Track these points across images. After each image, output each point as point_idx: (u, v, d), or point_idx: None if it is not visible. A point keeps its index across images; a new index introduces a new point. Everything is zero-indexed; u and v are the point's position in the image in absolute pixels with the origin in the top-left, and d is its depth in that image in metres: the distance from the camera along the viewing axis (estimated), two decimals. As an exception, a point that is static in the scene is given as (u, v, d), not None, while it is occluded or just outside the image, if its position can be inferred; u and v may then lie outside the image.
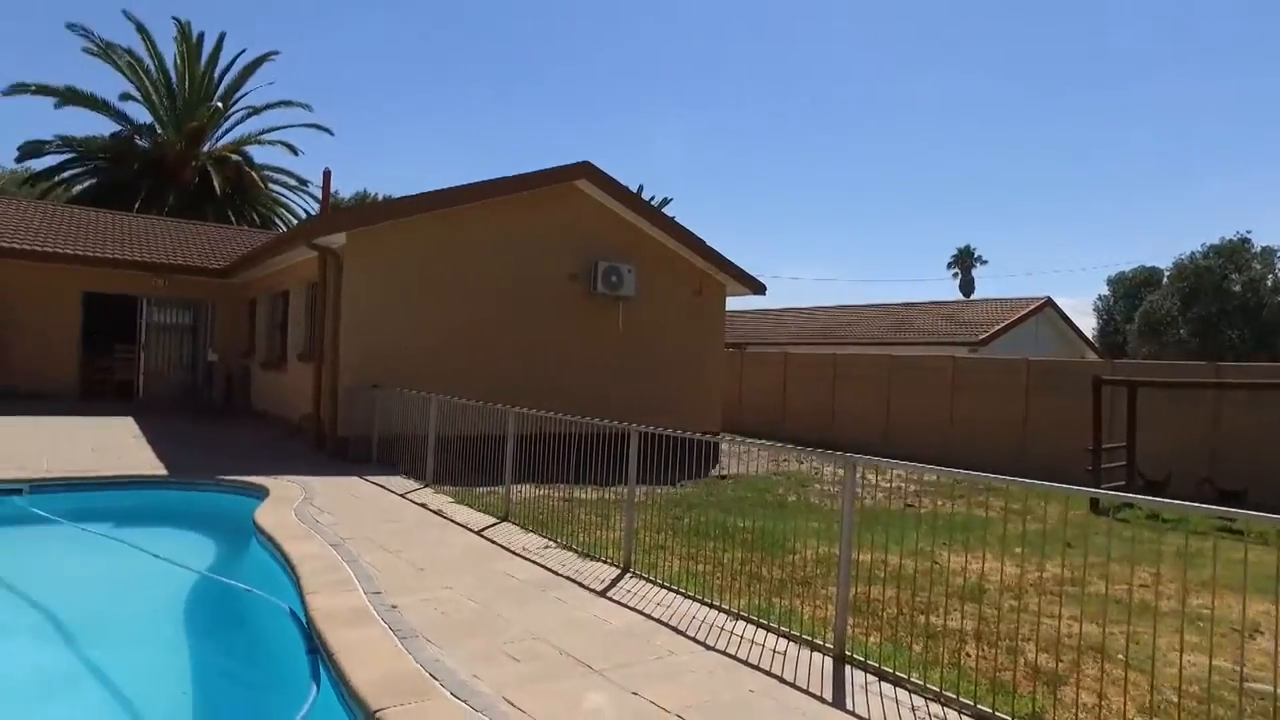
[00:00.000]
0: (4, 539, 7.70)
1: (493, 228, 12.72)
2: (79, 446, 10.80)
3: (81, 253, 16.97)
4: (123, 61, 29.71)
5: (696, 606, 5.28)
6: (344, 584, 5.21)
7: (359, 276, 11.59)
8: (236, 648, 5.64)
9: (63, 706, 4.77)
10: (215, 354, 18.08)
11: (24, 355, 16.28)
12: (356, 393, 11.37)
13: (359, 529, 6.88)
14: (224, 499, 8.63)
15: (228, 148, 31.56)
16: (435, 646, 4.29)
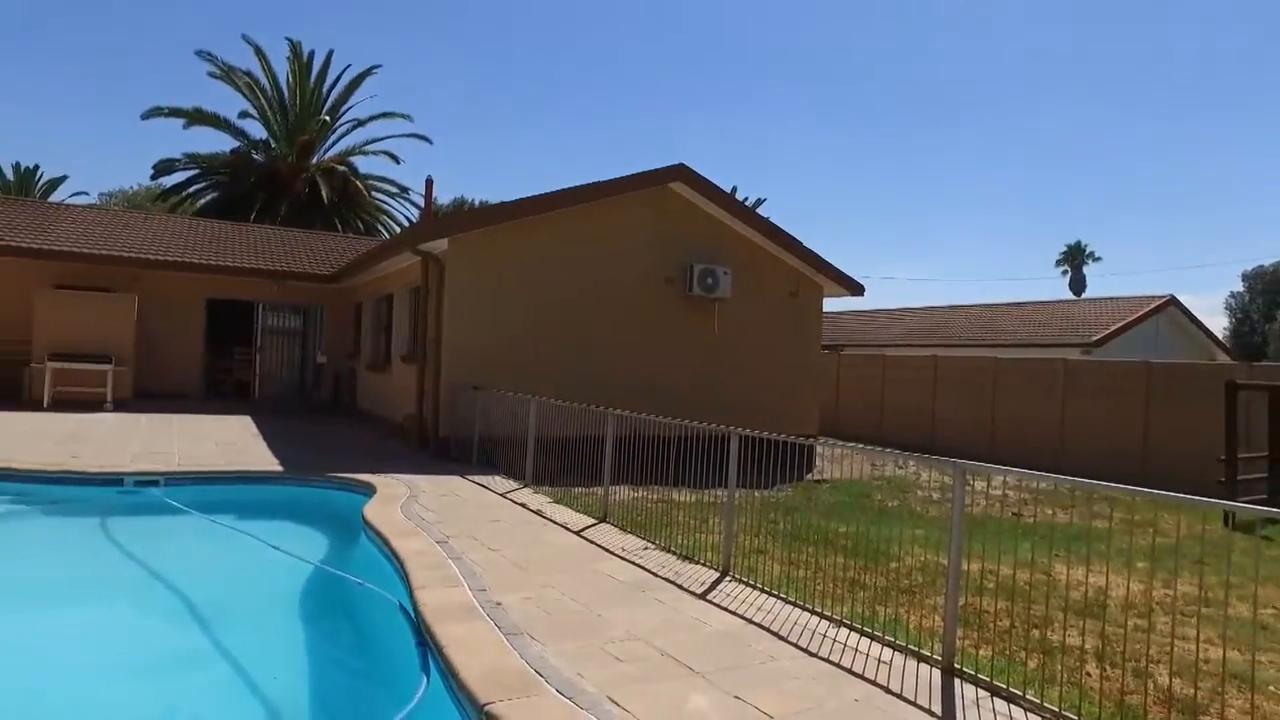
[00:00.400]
0: (145, 527, 8.23)
1: (588, 231, 12.87)
2: (205, 442, 11.46)
3: (206, 262, 18.06)
4: (242, 82, 31.47)
5: (797, 612, 5.20)
6: (450, 580, 5.35)
7: (460, 280, 11.91)
8: (349, 637, 5.87)
9: (189, 682, 5.06)
10: (324, 356, 18.93)
11: (159, 358, 17.42)
12: (457, 393, 11.69)
13: (462, 527, 7.06)
14: (334, 495, 9.00)
15: (335, 159, 32.99)
16: (539, 644, 4.36)
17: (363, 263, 15.64)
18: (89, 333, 15.86)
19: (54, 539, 8.01)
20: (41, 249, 16.76)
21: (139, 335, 16.70)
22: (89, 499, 8.51)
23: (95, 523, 8.21)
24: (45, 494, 8.50)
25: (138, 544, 7.74)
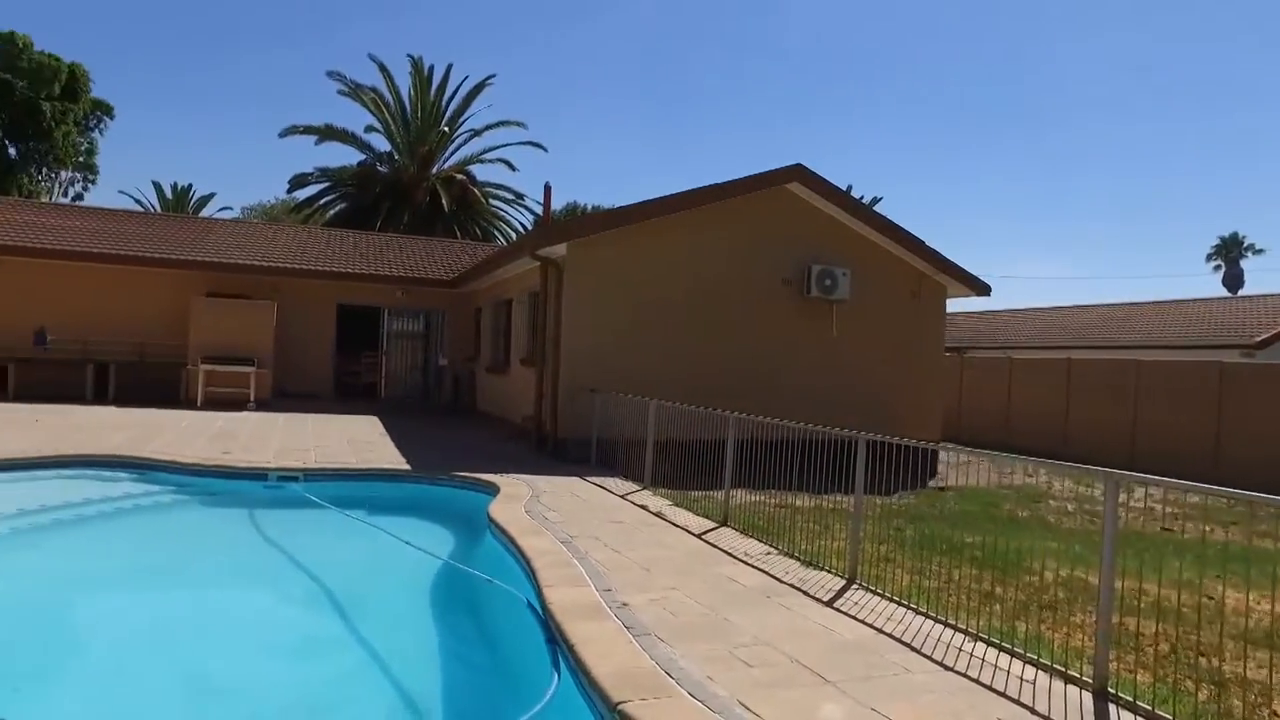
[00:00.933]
0: (287, 520, 8.74)
1: (705, 234, 12.87)
2: (338, 441, 12.07)
3: (337, 270, 19.07)
4: (368, 98, 33.08)
5: (929, 623, 5.02)
6: (577, 580, 5.43)
7: (578, 284, 12.12)
8: (476, 631, 6.04)
9: (327, 667, 5.33)
10: (445, 359, 19.64)
11: (294, 360, 18.49)
12: (576, 396, 11.89)
13: (584, 527, 7.16)
14: (459, 494, 9.29)
15: (454, 168, 34.22)
16: (668, 646, 4.36)
17: (483, 268, 16.14)
18: (235, 337, 17.00)
19: (210, 528, 8.62)
20: (196, 260, 18.10)
21: (278, 339, 17.78)
22: (238, 492, 9.10)
23: (244, 514, 8.77)
24: (203, 486, 9.14)
25: (282, 535, 8.24)
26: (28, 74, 31.30)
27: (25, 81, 31.07)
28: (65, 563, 7.28)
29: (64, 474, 9.13)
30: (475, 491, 9.15)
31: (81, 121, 33.88)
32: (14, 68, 31.20)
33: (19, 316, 17.17)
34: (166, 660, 5.19)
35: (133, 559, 7.54)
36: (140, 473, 9.33)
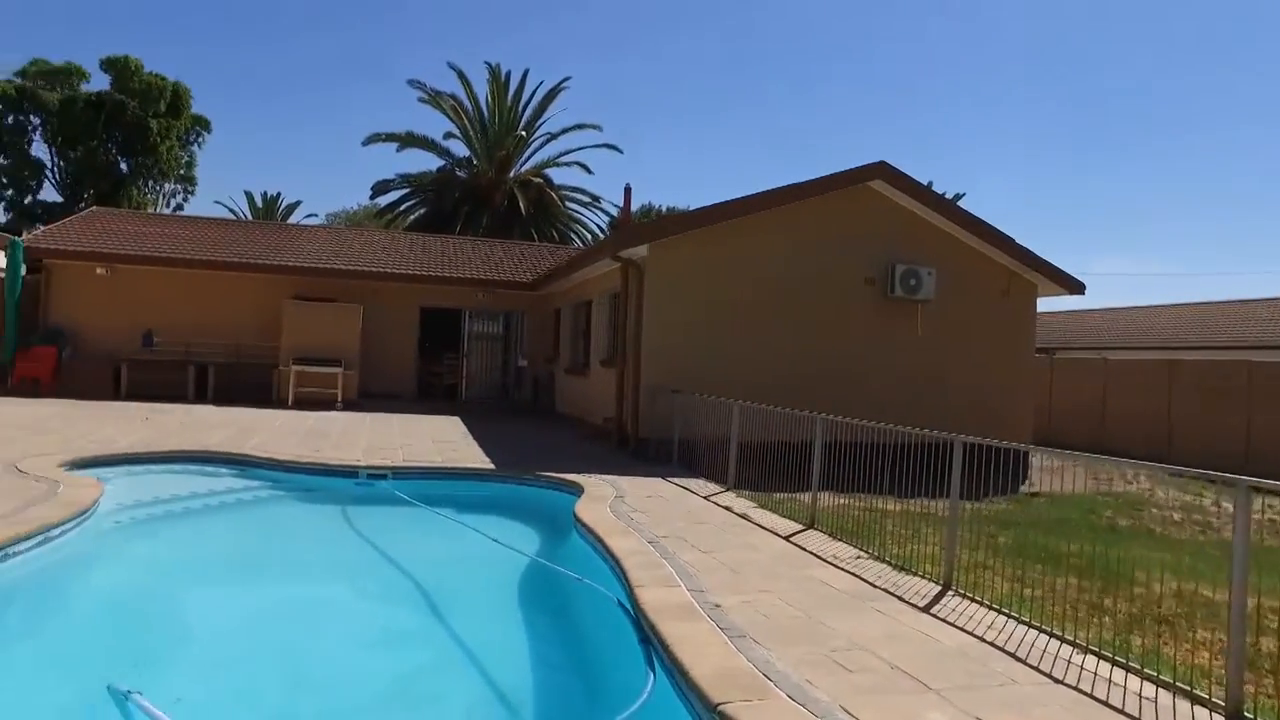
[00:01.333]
0: (377, 516, 8.98)
1: (786, 234, 12.74)
2: (423, 440, 12.35)
3: (420, 273, 19.55)
4: (447, 105, 33.82)
5: (1033, 633, 4.83)
6: (667, 580, 5.41)
7: (659, 285, 12.13)
8: (567, 629, 6.08)
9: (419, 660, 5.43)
10: (524, 360, 19.92)
11: (378, 362, 19.00)
12: (657, 397, 11.89)
13: (670, 528, 7.14)
14: (543, 493, 9.38)
15: (530, 172, 34.70)
16: (763, 648, 4.30)
17: (563, 270, 16.31)
18: (324, 339, 17.59)
19: (306, 522, 8.92)
20: (287, 265, 18.81)
21: (363, 341, 18.31)
22: (331, 488, 9.39)
23: (337, 510, 9.04)
24: (297, 482, 9.47)
25: (373, 530, 8.46)
26: (138, 94, 33.05)
27: (136, 101, 32.81)
28: (177, 551, 7.65)
29: (173, 468, 9.59)
30: (559, 491, 9.23)
31: (183, 136, 35.58)
32: (127, 89, 33.00)
33: (130, 320, 18.12)
34: (269, 648, 5.38)
35: (236, 550, 7.87)
36: (240, 469, 9.71)
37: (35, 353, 17.10)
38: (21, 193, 33.36)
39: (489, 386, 20.61)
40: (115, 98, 32.75)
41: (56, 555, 6.03)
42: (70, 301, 18.24)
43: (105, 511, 7.13)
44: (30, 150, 33.37)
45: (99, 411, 14.02)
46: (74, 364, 17.55)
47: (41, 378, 16.77)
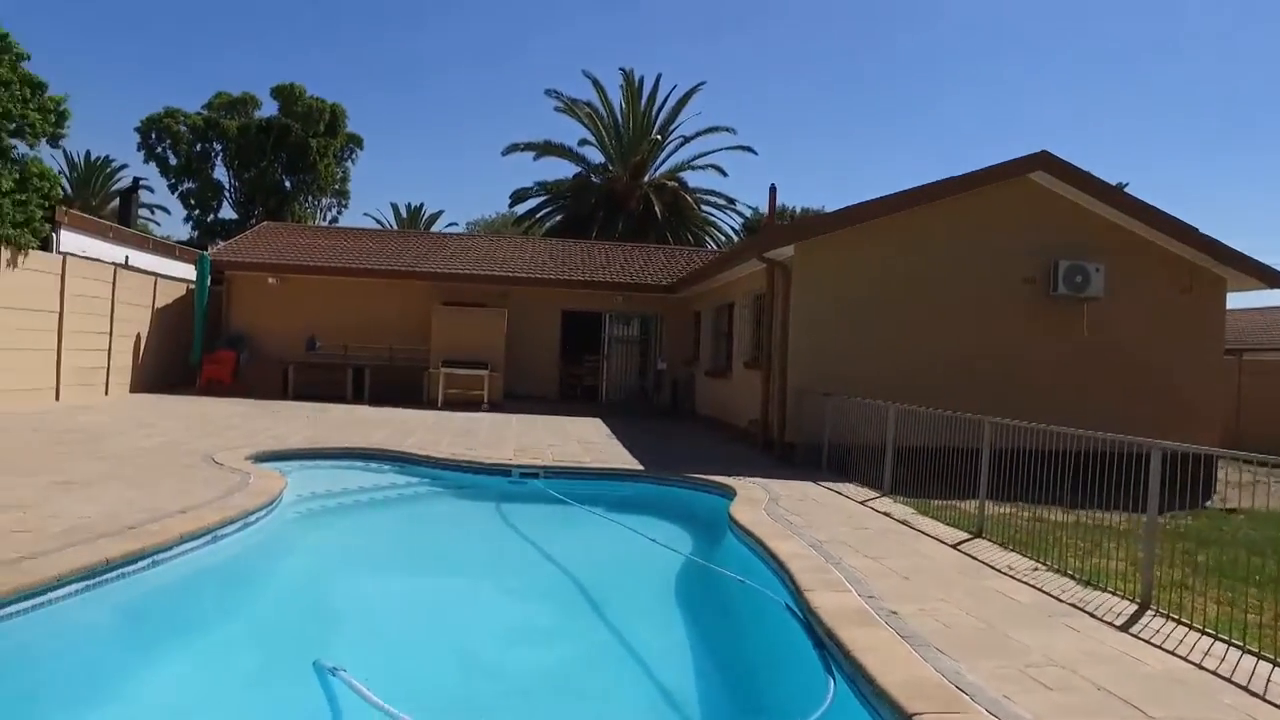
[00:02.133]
0: (531, 513, 9.18)
1: (938, 231, 12.23)
2: (569, 441, 12.57)
3: (562, 277, 20.01)
4: (582, 113, 34.55)
5: (1263, 665, 4.34)
6: (836, 585, 5.23)
7: (805, 286, 11.87)
8: (729, 631, 5.98)
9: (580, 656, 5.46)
10: (664, 362, 19.99)
11: (522, 364, 19.57)
12: (804, 399, 11.64)
13: (830, 533, 6.92)
14: (692, 495, 9.33)
15: (665, 176, 34.92)
16: (950, 659, 4.07)
17: (704, 272, 16.26)
18: (471, 343, 18.27)
19: (464, 517, 9.23)
20: (437, 272, 19.67)
21: (507, 344, 18.88)
22: (485, 485, 9.68)
23: (492, 506, 9.30)
24: (453, 479, 9.81)
25: (528, 527, 8.65)
26: (300, 117, 35.57)
27: (299, 124, 35.31)
28: (351, 540, 8.09)
29: (340, 464, 10.14)
30: (708, 493, 9.16)
31: (338, 154, 37.93)
32: (291, 113, 35.59)
33: (296, 326, 19.42)
34: (443, 635, 5.56)
35: (404, 540, 8.25)
36: (401, 465, 10.17)
37: (219, 356, 18.61)
38: (205, 211, 36.50)
39: (628, 389, 20.83)
40: (282, 122, 35.31)
41: (252, 540, 6.47)
42: (247, 309, 19.75)
43: (288, 502, 7.61)
44: (213, 173, 36.47)
45: (271, 410, 15.08)
46: (249, 366, 18.97)
47: (223, 379, 18.22)
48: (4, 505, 6.24)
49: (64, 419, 12.10)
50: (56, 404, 14.11)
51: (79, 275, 14.94)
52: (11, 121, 13.11)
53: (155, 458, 8.93)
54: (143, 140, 35.41)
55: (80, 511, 6.12)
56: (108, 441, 10.03)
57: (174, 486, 7.28)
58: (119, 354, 16.56)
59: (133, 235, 20.17)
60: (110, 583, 4.94)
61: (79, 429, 11.12)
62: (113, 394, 16.26)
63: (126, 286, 16.78)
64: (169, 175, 36.05)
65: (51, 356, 14.21)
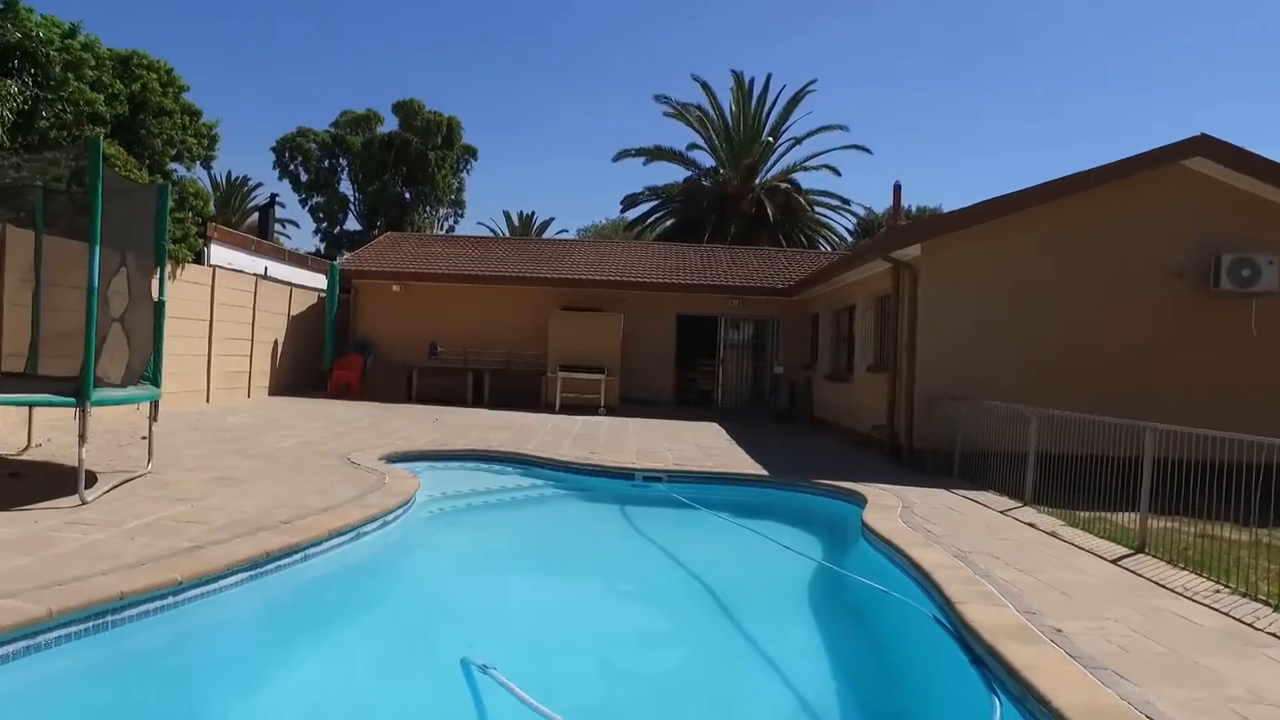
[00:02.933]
0: (656, 517, 9.13)
1: (1079, 225, 11.51)
2: (688, 445, 12.48)
3: (678, 281, 19.97)
4: (692, 117, 34.52)
5: None
6: (990, 599, 4.92)
7: (934, 286, 11.40)
8: (871, 642, 5.74)
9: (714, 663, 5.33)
10: (780, 366, 19.65)
11: (637, 368, 19.61)
12: (933, 403, 11.16)
13: (973, 543, 6.56)
14: (821, 501, 9.07)
15: (777, 178, 34.48)
16: (1132, 684, 3.73)
17: (824, 274, 15.88)
18: (588, 347, 18.45)
19: (591, 519, 9.25)
20: (555, 278, 19.98)
21: (622, 348, 18.96)
22: (608, 489, 9.69)
23: (616, 509, 9.30)
24: (576, 482, 9.88)
25: (654, 530, 8.59)
26: (420, 131, 37.02)
27: (418, 138, 36.75)
28: (482, 540, 8.25)
29: (465, 465, 10.38)
30: (837, 499, 8.89)
31: (455, 165, 39.21)
32: (411, 127, 37.10)
33: (418, 331, 20.12)
34: (581, 636, 5.55)
35: (533, 541, 8.34)
36: (524, 467, 10.31)
37: (348, 361, 19.47)
38: (332, 224, 38.48)
39: (744, 393, 20.59)
40: (402, 136, 36.80)
41: (391, 537, 6.66)
42: (372, 316, 20.58)
43: (420, 502, 7.80)
44: (339, 187, 38.41)
45: (397, 413, 15.63)
46: (375, 371, 19.77)
47: (352, 383, 19.05)
48: (177, 498, 6.65)
49: (216, 419, 12.88)
50: (208, 405, 15.06)
51: (226, 286, 15.91)
52: (173, 147, 14.10)
53: (297, 456, 9.36)
54: (277, 159, 37.63)
55: (239, 506, 6.45)
56: (254, 440, 10.59)
57: (316, 484, 7.59)
58: (259, 359, 17.55)
59: (271, 248, 21.41)
60: (268, 574, 5.15)
61: (229, 429, 11.81)
62: (254, 397, 17.24)
63: (266, 296, 17.78)
64: (299, 191, 38.16)
65: (203, 362, 15.18)
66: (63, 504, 6.20)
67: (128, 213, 7.37)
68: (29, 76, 10.55)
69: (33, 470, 7.80)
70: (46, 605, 3.83)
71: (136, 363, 7.63)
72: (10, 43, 10.50)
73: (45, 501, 6.24)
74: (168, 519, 5.91)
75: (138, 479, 7.45)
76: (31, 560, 4.67)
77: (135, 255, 7.68)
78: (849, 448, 13.31)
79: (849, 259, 14.50)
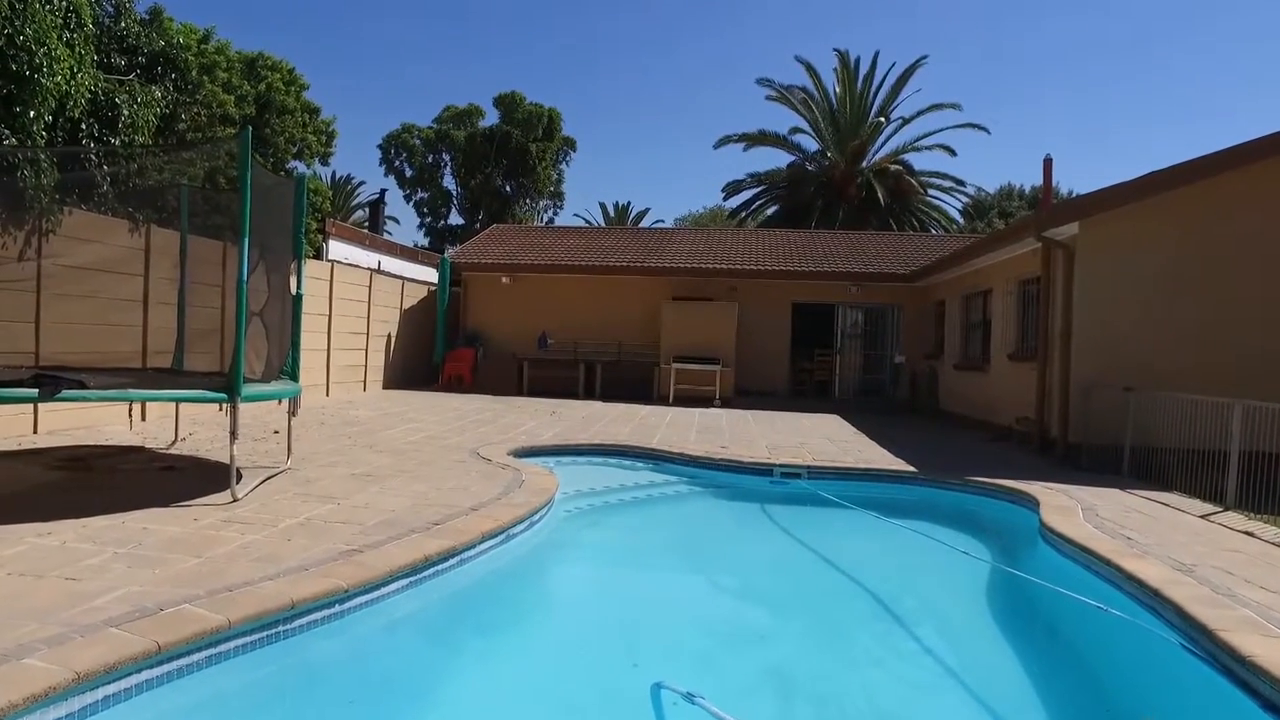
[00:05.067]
0: (803, 516, 8.63)
1: (1262, 194, 10.33)
2: (817, 439, 11.88)
3: (793, 269, 19.27)
4: (796, 99, 33.55)
5: None
6: (1255, 625, 4.21)
7: (1094, 268, 10.45)
8: (1079, 662, 5.11)
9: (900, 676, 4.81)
10: (902, 356, 18.74)
11: (751, 358, 19.02)
12: (1093, 394, 10.24)
13: (1190, 554, 5.78)
14: (982, 501, 8.38)
15: (886, 159, 33.17)
16: None
17: (957, 258, 14.94)
18: (701, 338, 17.99)
19: (736, 517, 8.79)
20: (666, 267, 19.55)
21: (737, 338, 18.41)
22: (746, 485, 9.22)
23: (758, 507, 8.82)
24: (711, 478, 9.44)
25: (804, 530, 8.09)
26: (520, 124, 37.24)
27: (519, 130, 36.97)
28: (628, 541, 7.90)
29: (594, 460, 10.07)
30: (1000, 499, 8.20)
31: (554, 157, 39.32)
32: (512, 120, 37.36)
33: (528, 323, 20.06)
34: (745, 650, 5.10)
35: (682, 543, 7.91)
36: (655, 463, 9.94)
37: (459, 354, 19.58)
38: (436, 218, 39.18)
39: (863, 383, 19.72)
40: (503, 129, 37.08)
41: (538, 538, 6.37)
42: (482, 308, 20.63)
43: (558, 500, 7.50)
44: (442, 182, 39.05)
45: (514, 405, 15.54)
46: (486, 363, 19.81)
47: (464, 375, 19.14)
48: (323, 495, 6.53)
49: (339, 413, 13.01)
50: (328, 399, 15.30)
51: (344, 280, 16.14)
52: (294, 144, 14.33)
53: (426, 452, 9.23)
54: (383, 155, 38.51)
55: (385, 504, 6.27)
56: (380, 435, 10.56)
57: (455, 482, 7.38)
58: (374, 353, 17.78)
59: (384, 242, 21.74)
60: (427, 579, 4.90)
61: (354, 422, 11.86)
62: (369, 390, 17.48)
63: (380, 290, 17.99)
64: (404, 186, 38.97)
65: (323, 356, 15.43)
66: (217, 500, 6.15)
67: (267, 206, 7.31)
68: (170, 82, 10.80)
69: (184, 463, 7.86)
70: (225, 614, 3.63)
71: (276, 358, 7.59)
72: (155, 50, 10.77)
73: (201, 498, 6.20)
74: (319, 518, 5.76)
75: (281, 474, 7.40)
76: (199, 562, 4.53)
77: (274, 249, 7.63)
78: (988, 441, 12.44)
79: (990, 240, 13.54)
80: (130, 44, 10.90)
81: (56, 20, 9.12)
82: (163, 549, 4.77)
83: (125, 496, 6.10)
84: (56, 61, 8.78)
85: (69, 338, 9.30)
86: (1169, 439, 8.81)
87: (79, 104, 9.33)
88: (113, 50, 10.72)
